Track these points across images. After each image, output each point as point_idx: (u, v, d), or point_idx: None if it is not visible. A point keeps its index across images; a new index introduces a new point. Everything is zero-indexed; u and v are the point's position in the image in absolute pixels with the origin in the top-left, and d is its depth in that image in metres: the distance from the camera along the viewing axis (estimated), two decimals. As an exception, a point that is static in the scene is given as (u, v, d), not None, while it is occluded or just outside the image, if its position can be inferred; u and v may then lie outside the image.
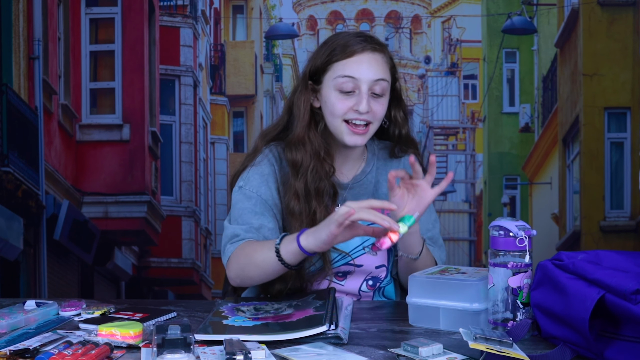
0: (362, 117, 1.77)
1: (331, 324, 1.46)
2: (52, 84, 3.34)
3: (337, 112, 1.78)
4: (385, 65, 1.81)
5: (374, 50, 1.81)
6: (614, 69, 3.27)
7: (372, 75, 1.78)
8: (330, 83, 1.80)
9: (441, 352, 1.33)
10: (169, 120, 3.47)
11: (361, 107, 1.76)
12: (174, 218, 3.43)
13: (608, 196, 3.31)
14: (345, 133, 1.79)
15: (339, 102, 1.78)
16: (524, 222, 1.50)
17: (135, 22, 3.41)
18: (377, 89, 1.78)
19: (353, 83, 1.78)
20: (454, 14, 3.43)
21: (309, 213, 1.81)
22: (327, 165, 1.83)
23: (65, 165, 3.37)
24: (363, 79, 1.77)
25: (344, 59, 1.79)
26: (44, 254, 3.32)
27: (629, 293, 1.25)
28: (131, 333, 1.41)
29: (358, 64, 1.78)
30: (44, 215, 3.31)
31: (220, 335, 1.44)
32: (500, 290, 1.47)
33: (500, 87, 3.43)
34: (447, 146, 3.52)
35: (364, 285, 1.88)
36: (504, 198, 3.43)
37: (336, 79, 1.79)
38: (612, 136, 3.33)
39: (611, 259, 1.45)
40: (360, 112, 1.77)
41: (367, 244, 1.87)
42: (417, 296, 1.58)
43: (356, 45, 1.80)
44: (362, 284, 1.88)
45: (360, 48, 1.79)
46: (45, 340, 1.45)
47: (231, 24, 3.49)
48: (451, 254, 3.47)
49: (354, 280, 1.88)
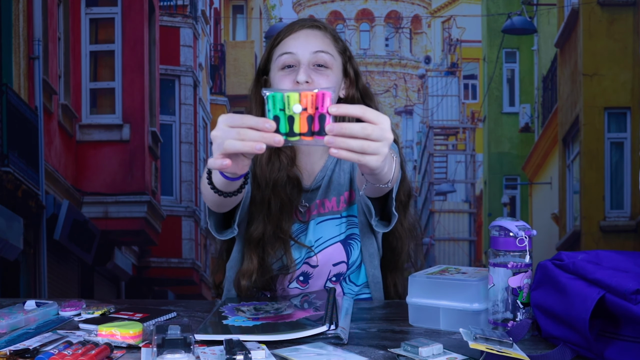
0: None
1: (331, 324, 1.46)
2: (52, 84, 3.34)
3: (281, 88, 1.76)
4: (326, 40, 1.81)
5: (312, 27, 1.82)
6: (613, 69, 3.27)
7: (311, 48, 1.77)
8: (274, 66, 1.81)
9: (441, 352, 1.33)
10: (169, 120, 3.47)
11: (298, 77, 1.74)
12: (174, 218, 3.43)
13: (608, 196, 3.31)
14: None
15: (281, 79, 1.78)
16: (524, 222, 1.50)
17: (135, 22, 3.41)
18: (318, 60, 1.77)
19: (292, 58, 1.77)
20: (454, 14, 3.43)
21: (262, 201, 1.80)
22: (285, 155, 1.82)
23: (65, 165, 3.37)
24: (300, 52, 1.77)
25: (283, 40, 1.81)
26: (44, 254, 3.32)
27: (629, 293, 1.26)
28: (131, 333, 1.41)
29: (295, 39, 1.79)
30: (44, 215, 3.31)
31: (220, 335, 1.44)
32: (501, 290, 1.47)
33: (500, 87, 3.43)
34: (447, 146, 3.52)
35: (327, 283, 1.89)
36: (504, 198, 3.43)
37: (278, 59, 1.79)
38: (612, 136, 3.33)
39: (611, 259, 1.45)
40: (300, 82, 1.73)
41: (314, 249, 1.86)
42: (417, 296, 1.58)
43: (293, 25, 1.83)
44: (325, 283, 1.89)
45: (297, 26, 1.82)
46: (45, 340, 1.45)
47: (231, 24, 3.49)
48: (451, 254, 3.47)
49: (316, 282, 1.88)
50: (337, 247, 1.87)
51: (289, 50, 1.78)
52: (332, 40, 1.83)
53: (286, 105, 1.23)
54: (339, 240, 1.87)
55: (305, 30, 1.81)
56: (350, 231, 1.88)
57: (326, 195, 1.87)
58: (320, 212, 1.87)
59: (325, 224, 1.87)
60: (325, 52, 1.78)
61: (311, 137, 1.23)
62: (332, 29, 1.87)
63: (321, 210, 1.87)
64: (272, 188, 1.81)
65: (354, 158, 1.26)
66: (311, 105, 1.22)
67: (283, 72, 1.78)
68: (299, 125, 1.23)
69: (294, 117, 1.22)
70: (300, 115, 1.23)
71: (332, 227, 1.87)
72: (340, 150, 1.25)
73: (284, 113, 1.23)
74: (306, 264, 1.87)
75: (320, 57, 1.78)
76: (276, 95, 1.22)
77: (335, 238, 1.87)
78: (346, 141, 1.24)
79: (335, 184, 1.88)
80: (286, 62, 1.78)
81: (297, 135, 1.23)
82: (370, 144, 1.26)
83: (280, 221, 1.81)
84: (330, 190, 1.87)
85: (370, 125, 1.26)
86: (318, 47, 1.78)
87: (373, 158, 1.27)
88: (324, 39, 1.81)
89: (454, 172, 3.49)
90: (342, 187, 1.86)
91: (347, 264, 1.88)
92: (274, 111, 1.23)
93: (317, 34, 1.81)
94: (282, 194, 1.81)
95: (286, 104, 1.22)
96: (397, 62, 3.50)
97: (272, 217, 1.81)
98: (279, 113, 1.23)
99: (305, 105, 1.22)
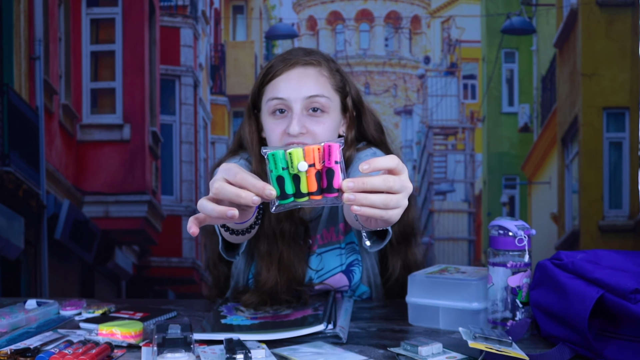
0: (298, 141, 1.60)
1: (329, 323, 1.46)
2: (53, 84, 3.35)
3: (273, 139, 1.63)
4: (322, 79, 1.66)
5: (305, 65, 1.65)
6: (612, 69, 3.27)
7: (304, 92, 1.62)
8: (264, 108, 1.67)
9: (441, 351, 1.34)
10: (169, 120, 3.47)
11: (290, 128, 1.59)
12: (175, 218, 3.43)
13: (607, 196, 3.31)
14: None
15: (272, 127, 1.63)
16: (523, 221, 1.51)
17: (135, 23, 3.41)
18: (312, 105, 1.62)
19: (283, 104, 1.62)
20: (453, 14, 3.43)
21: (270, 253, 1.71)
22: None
23: (66, 165, 3.37)
24: (293, 97, 1.62)
25: (273, 80, 1.64)
26: (45, 253, 3.32)
27: (627, 292, 1.26)
28: (132, 332, 1.42)
29: (286, 82, 1.63)
30: (45, 215, 3.31)
31: (220, 334, 1.45)
32: (500, 290, 1.48)
33: (499, 87, 3.43)
34: (447, 146, 3.52)
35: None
36: (503, 198, 3.44)
37: (268, 103, 1.64)
38: (611, 136, 3.33)
39: (610, 258, 1.45)
40: (292, 135, 1.59)
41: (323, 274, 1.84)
42: (416, 296, 1.59)
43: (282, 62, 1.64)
44: None
45: (288, 65, 1.64)
46: (46, 340, 1.46)
47: (231, 24, 3.49)
48: (450, 254, 3.47)
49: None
50: (339, 276, 1.86)
51: (279, 96, 1.63)
52: (328, 76, 1.68)
53: (289, 163, 1.10)
54: (340, 270, 1.85)
55: (298, 70, 1.64)
56: (352, 258, 1.85)
57: (325, 226, 1.84)
58: (320, 244, 1.85)
59: (327, 255, 1.84)
60: (320, 96, 1.64)
61: (320, 196, 1.11)
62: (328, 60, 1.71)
63: (320, 242, 1.85)
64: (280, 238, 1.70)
65: (377, 215, 1.15)
66: (318, 161, 1.10)
67: (274, 119, 1.64)
68: (306, 185, 1.11)
69: (300, 176, 1.10)
70: (306, 174, 1.10)
71: (333, 258, 1.84)
72: (363, 208, 1.13)
73: (287, 172, 1.10)
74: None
75: (315, 101, 1.63)
76: (277, 153, 1.10)
77: (337, 269, 1.85)
78: (368, 197, 1.13)
79: (332, 214, 1.82)
80: (277, 107, 1.63)
81: (306, 195, 1.11)
82: (392, 197, 1.15)
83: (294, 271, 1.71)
84: (328, 220, 1.84)
85: (392, 177, 1.15)
86: (312, 90, 1.63)
87: (395, 212, 1.17)
88: (319, 77, 1.66)
89: (453, 172, 3.49)
90: (336, 218, 1.80)
91: (349, 287, 1.88)
92: (276, 172, 1.10)
93: (311, 73, 1.65)
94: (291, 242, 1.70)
95: (289, 162, 1.10)
96: (397, 62, 3.50)
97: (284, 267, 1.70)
98: (282, 173, 1.10)
99: (312, 161, 1.09)
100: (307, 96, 1.63)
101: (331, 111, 1.66)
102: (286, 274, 1.71)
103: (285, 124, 1.62)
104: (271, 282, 1.70)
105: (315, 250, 1.85)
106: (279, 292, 1.70)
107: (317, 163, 1.09)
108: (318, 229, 1.84)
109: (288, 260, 1.71)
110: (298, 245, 1.75)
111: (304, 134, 1.62)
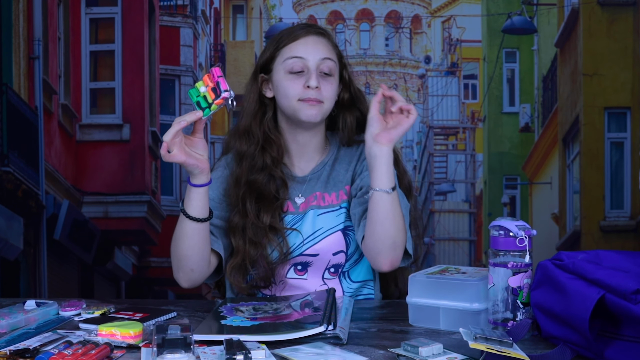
0: (314, 94, 1.83)
1: (329, 324, 1.46)
2: (52, 83, 3.34)
3: (291, 92, 1.85)
4: (330, 47, 1.91)
5: (317, 34, 1.91)
6: (613, 68, 3.27)
7: (319, 55, 1.86)
8: (279, 67, 1.88)
9: (441, 352, 1.33)
10: (169, 120, 3.47)
11: (311, 82, 1.83)
12: (174, 218, 3.42)
13: (608, 196, 3.31)
14: (301, 108, 1.84)
15: (291, 83, 1.86)
16: (524, 222, 1.50)
17: (135, 22, 3.41)
18: (324, 68, 1.86)
19: (302, 62, 1.86)
20: (454, 14, 3.43)
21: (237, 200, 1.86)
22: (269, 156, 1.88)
23: (65, 165, 3.37)
24: (310, 58, 1.86)
25: (290, 43, 1.89)
26: (44, 253, 3.32)
27: (629, 293, 1.26)
28: (131, 333, 1.41)
29: (304, 45, 1.88)
30: (44, 215, 3.31)
31: (220, 335, 1.44)
32: (500, 290, 1.47)
33: (500, 87, 3.43)
34: (447, 146, 3.52)
35: (326, 273, 1.90)
36: (504, 198, 3.43)
37: (285, 62, 1.87)
38: (612, 136, 3.33)
39: (611, 258, 1.45)
40: (311, 87, 1.83)
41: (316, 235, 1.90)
42: (417, 296, 1.59)
43: (300, 30, 1.91)
44: (324, 273, 1.90)
45: (304, 32, 1.90)
46: (45, 340, 1.45)
47: (231, 23, 3.50)
48: (451, 254, 3.47)
49: (315, 272, 1.89)
50: (338, 235, 1.89)
51: (299, 55, 1.86)
52: (333, 46, 1.93)
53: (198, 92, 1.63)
54: (339, 229, 1.89)
55: (313, 37, 1.89)
56: (349, 223, 1.90)
57: (326, 189, 1.91)
58: (320, 205, 1.90)
59: (326, 216, 1.90)
60: (330, 59, 1.88)
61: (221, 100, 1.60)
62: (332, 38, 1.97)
63: (321, 204, 1.90)
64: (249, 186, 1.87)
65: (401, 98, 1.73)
66: (210, 81, 1.61)
67: (293, 76, 1.87)
68: (210, 97, 1.62)
69: (206, 95, 1.62)
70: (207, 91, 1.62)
71: (332, 218, 1.90)
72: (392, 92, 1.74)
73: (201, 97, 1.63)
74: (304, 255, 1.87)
75: (327, 64, 1.87)
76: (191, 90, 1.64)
77: (335, 227, 1.89)
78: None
79: (335, 179, 1.92)
80: (295, 65, 1.86)
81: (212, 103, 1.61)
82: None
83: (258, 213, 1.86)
84: (330, 185, 1.92)
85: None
86: (325, 53, 1.88)
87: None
88: (328, 46, 1.90)
89: (454, 172, 3.49)
90: (341, 183, 1.92)
91: (345, 254, 1.89)
92: (195, 99, 1.63)
93: (323, 41, 1.90)
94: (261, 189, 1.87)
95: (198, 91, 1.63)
96: (397, 62, 3.50)
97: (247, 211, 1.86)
98: (198, 99, 1.63)
99: (207, 84, 1.61)
100: (321, 57, 1.87)
101: (335, 75, 1.90)
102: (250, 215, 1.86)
103: (303, 80, 1.85)
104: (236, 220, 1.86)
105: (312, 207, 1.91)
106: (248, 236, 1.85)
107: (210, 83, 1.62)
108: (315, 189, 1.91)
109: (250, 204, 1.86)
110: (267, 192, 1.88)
111: (318, 89, 1.84)
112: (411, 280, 1.60)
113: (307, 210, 1.90)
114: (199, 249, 1.78)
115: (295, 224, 1.89)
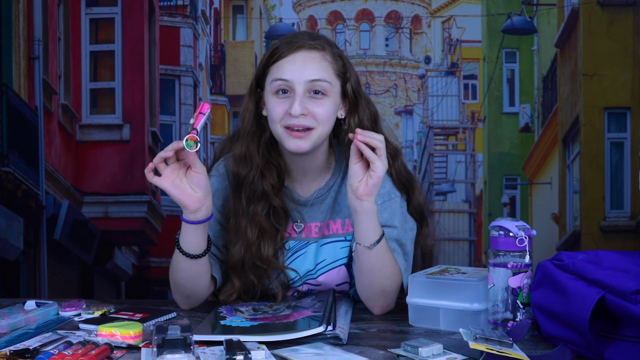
0: (299, 121, 1.68)
1: (328, 324, 1.46)
2: (52, 84, 3.34)
3: (274, 117, 1.70)
4: (325, 64, 1.72)
5: (310, 49, 1.72)
6: (614, 69, 3.27)
7: (307, 76, 1.69)
8: (268, 88, 1.74)
9: (441, 352, 1.33)
10: (169, 120, 3.47)
11: (292, 109, 1.67)
12: (174, 218, 3.42)
13: (608, 196, 3.30)
14: (285, 138, 1.70)
15: (276, 105, 1.70)
16: (524, 222, 1.50)
17: (135, 22, 3.41)
18: (315, 89, 1.70)
19: (286, 85, 1.70)
20: (454, 14, 3.43)
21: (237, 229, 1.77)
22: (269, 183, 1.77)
23: (65, 165, 3.37)
24: (295, 80, 1.69)
25: (278, 61, 1.72)
26: (44, 254, 3.32)
27: (629, 293, 1.26)
28: (131, 333, 1.41)
29: (291, 64, 1.70)
30: (44, 215, 3.30)
31: (219, 335, 1.44)
32: (500, 291, 1.47)
33: (500, 87, 3.43)
34: (447, 146, 3.52)
35: None
36: (504, 198, 3.43)
37: (272, 83, 1.72)
38: (612, 136, 3.32)
39: (611, 259, 1.45)
40: (293, 115, 1.67)
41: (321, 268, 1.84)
42: (417, 296, 1.59)
43: (289, 45, 1.72)
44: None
45: (293, 47, 1.71)
46: (45, 341, 1.45)
47: (231, 24, 3.49)
48: (451, 254, 3.47)
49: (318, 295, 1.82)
50: (341, 269, 1.83)
51: (283, 77, 1.70)
52: (331, 61, 1.74)
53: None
54: (342, 263, 1.83)
55: (303, 53, 1.71)
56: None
57: (331, 216, 1.83)
58: (325, 234, 1.83)
59: (330, 247, 1.82)
60: (321, 81, 1.70)
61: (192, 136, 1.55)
62: (332, 46, 1.77)
63: (325, 232, 1.83)
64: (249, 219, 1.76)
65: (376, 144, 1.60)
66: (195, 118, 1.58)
67: (277, 98, 1.71)
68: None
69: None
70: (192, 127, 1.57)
71: (336, 250, 1.83)
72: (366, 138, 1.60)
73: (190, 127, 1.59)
74: (307, 283, 1.85)
75: (317, 85, 1.70)
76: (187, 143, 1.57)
77: (340, 261, 1.83)
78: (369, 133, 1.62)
79: (341, 205, 1.82)
80: (280, 88, 1.71)
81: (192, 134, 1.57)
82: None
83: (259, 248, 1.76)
84: (336, 211, 1.83)
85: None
86: (314, 74, 1.70)
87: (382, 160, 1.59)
88: (322, 62, 1.72)
89: (454, 172, 3.49)
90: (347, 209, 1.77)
91: (349, 284, 1.86)
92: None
93: (315, 57, 1.71)
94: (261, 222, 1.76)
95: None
96: (397, 62, 3.50)
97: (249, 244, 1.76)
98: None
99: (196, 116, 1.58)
100: (309, 80, 1.69)
101: (331, 95, 1.72)
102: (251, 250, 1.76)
103: (288, 104, 1.69)
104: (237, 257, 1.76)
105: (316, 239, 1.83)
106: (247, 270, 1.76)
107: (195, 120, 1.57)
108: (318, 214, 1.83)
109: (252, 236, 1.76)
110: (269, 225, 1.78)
111: (305, 115, 1.69)
112: (411, 281, 1.60)
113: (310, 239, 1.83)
114: (194, 280, 1.73)
115: (298, 251, 1.83)
